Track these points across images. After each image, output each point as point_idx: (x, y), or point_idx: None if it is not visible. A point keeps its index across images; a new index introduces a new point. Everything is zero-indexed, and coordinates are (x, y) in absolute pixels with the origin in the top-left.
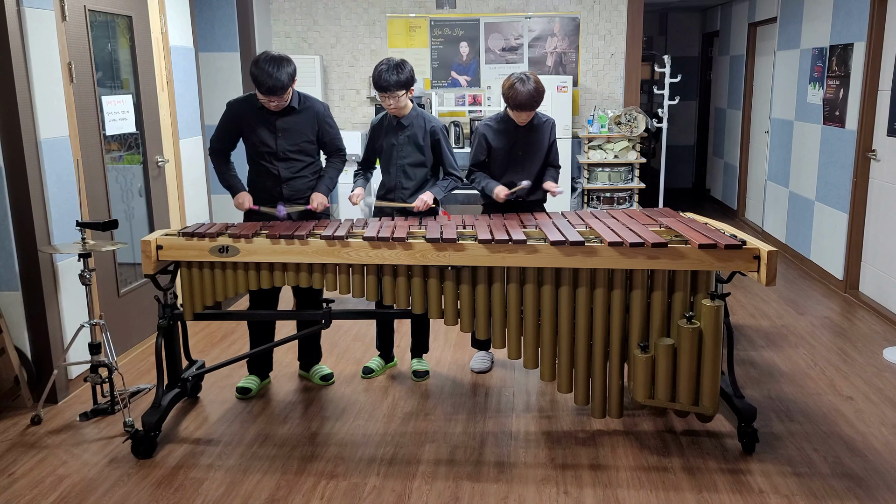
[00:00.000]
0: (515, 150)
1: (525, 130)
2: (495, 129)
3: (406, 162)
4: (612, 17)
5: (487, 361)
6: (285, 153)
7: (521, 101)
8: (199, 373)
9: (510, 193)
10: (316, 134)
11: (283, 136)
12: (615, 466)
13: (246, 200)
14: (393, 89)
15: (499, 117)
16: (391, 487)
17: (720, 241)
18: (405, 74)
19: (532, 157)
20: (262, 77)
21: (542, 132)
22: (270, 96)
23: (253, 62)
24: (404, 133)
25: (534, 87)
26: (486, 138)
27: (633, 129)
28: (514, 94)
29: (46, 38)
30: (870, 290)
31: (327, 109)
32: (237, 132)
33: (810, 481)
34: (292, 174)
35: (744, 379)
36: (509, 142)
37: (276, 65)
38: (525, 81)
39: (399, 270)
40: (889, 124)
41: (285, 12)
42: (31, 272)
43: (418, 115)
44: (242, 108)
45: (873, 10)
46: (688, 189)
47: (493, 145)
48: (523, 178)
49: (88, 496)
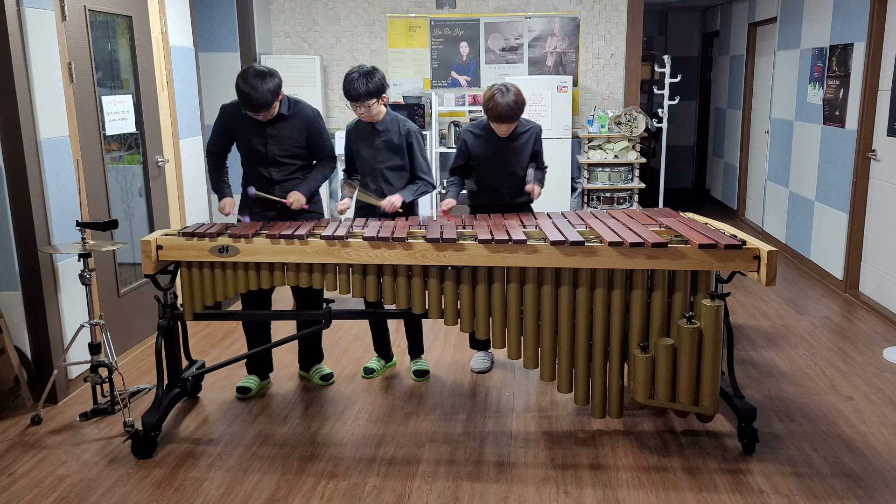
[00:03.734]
0: (497, 158)
1: (507, 139)
2: (477, 136)
3: (385, 166)
4: (612, 17)
5: (487, 361)
6: (276, 158)
7: (499, 112)
8: (199, 373)
9: (448, 211)
10: (306, 139)
11: (273, 142)
12: (615, 466)
13: (227, 206)
14: (363, 99)
15: (481, 124)
16: (391, 487)
17: (720, 241)
18: (375, 83)
19: (516, 166)
20: (246, 93)
21: (525, 141)
22: (255, 113)
23: (239, 76)
24: (380, 138)
25: (513, 100)
26: (466, 145)
27: (633, 129)
28: (494, 105)
29: (46, 38)
30: (870, 290)
31: (317, 115)
32: (230, 136)
33: (810, 481)
34: (285, 177)
35: (744, 379)
36: (491, 150)
37: (260, 81)
38: (505, 93)
39: (399, 270)
40: (889, 124)
41: (285, 12)
42: (31, 272)
43: (393, 119)
44: (234, 113)
45: (873, 10)
46: (688, 189)
47: (473, 152)
48: (508, 185)
49: (88, 496)
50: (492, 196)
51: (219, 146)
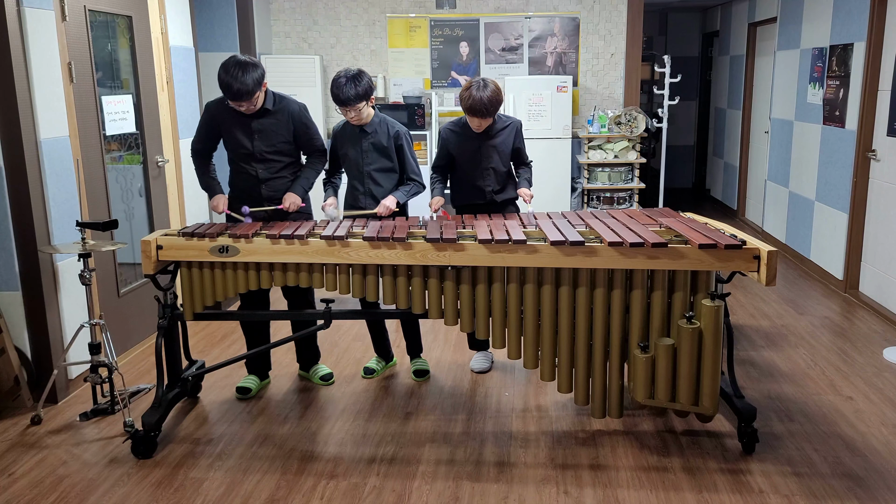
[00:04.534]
0: (477, 155)
1: (486, 136)
2: (456, 133)
3: (373, 168)
4: (612, 17)
5: (487, 361)
6: (262, 154)
7: (472, 106)
8: (199, 373)
9: (437, 210)
10: (292, 134)
11: (259, 137)
12: (615, 466)
13: (220, 203)
14: (353, 102)
15: (461, 121)
16: (391, 487)
17: (720, 241)
18: (363, 86)
19: (497, 163)
20: (227, 82)
21: (505, 137)
22: (237, 102)
23: (221, 66)
24: (368, 140)
25: (489, 95)
26: (447, 143)
27: (633, 129)
28: (469, 98)
29: (46, 38)
30: (870, 290)
31: (304, 109)
32: (216, 133)
33: (810, 481)
34: (271, 175)
35: (744, 379)
36: (471, 147)
37: (241, 70)
38: (482, 87)
39: (399, 270)
40: (889, 124)
41: (285, 12)
42: (31, 272)
43: (381, 121)
44: (219, 109)
45: (873, 10)
46: (688, 189)
47: (452, 150)
48: (490, 182)
49: (88, 496)
50: (474, 194)
51: (204, 143)
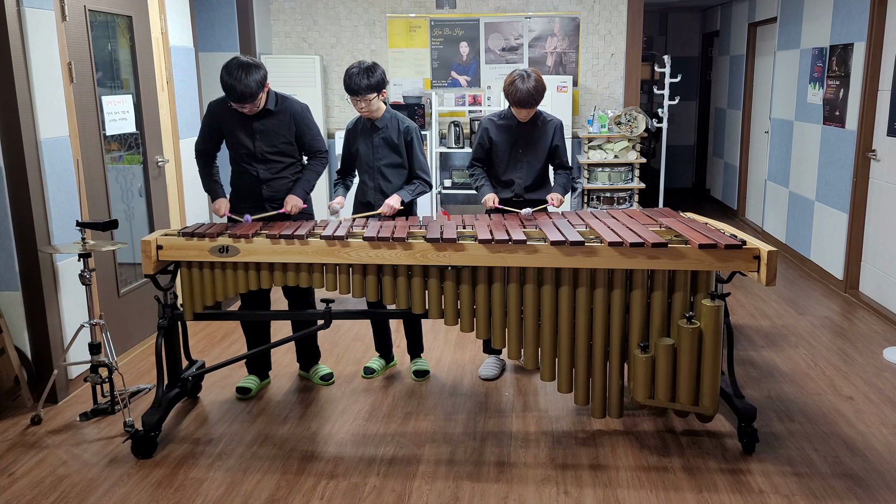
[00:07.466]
0: (516, 147)
1: (527, 128)
2: (498, 125)
3: (382, 164)
4: (612, 17)
5: (497, 369)
6: (264, 155)
7: (519, 97)
8: (199, 373)
9: (499, 207)
10: (294, 135)
11: (260, 137)
12: (615, 466)
13: (223, 207)
14: (364, 93)
15: (503, 113)
16: (391, 487)
17: (720, 241)
18: (376, 78)
19: (532, 156)
20: (230, 84)
21: (544, 132)
22: (240, 104)
23: (223, 68)
24: (379, 135)
25: (533, 85)
26: (488, 133)
27: (633, 129)
28: (514, 90)
29: (46, 38)
30: (870, 290)
31: (306, 110)
32: (218, 133)
33: (810, 481)
34: (272, 175)
35: (744, 379)
36: (511, 138)
37: (244, 72)
38: (525, 79)
39: (399, 270)
40: (889, 124)
41: (285, 12)
42: (31, 272)
43: (392, 117)
44: (221, 109)
45: (873, 10)
46: (688, 189)
47: (494, 140)
48: (522, 175)
49: (88, 496)
50: (503, 188)
51: (207, 144)
